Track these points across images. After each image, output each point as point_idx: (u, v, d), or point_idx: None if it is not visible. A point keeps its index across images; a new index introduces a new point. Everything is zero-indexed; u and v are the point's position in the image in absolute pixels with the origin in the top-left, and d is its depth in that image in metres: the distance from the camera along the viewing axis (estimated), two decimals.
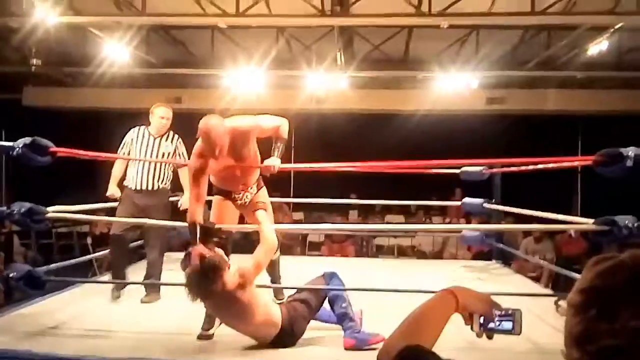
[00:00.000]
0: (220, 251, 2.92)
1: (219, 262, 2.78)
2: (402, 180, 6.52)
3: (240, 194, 3.34)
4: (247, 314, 2.83)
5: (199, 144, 3.16)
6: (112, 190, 4.15)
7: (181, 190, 4.35)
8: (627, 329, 0.73)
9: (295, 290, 3.25)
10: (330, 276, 3.10)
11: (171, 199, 4.44)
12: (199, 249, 2.85)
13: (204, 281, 2.71)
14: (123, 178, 4.17)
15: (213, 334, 3.12)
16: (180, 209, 4.37)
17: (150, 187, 4.10)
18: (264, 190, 3.51)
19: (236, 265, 2.89)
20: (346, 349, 2.87)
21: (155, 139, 4.17)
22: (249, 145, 3.26)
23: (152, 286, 4.02)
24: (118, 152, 4.20)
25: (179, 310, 3.54)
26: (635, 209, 3.18)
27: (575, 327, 0.79)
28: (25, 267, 3.33)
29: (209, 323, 3.15)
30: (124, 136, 4.22)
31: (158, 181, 4.14)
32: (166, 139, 4.22)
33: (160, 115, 4.19)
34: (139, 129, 4.20)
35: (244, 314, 2.84)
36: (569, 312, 0.82)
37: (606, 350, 0.74)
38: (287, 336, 2.93)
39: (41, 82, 9.08)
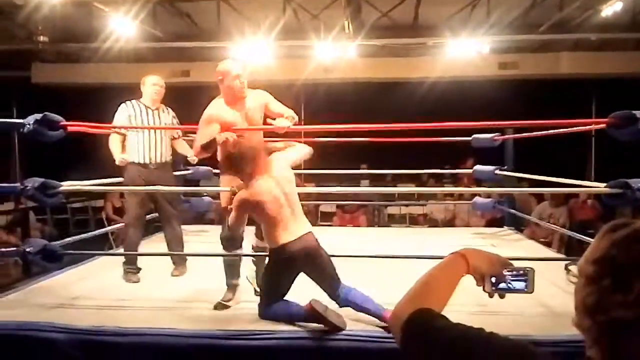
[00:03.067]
0: None
1: None
2: (413, 149, 6.48)
3: None
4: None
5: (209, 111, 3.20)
6: (122, 156, 3.89)
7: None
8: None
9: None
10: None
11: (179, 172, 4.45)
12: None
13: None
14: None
15: (230, 306, 3.18)
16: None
17: (160, 160, 4.02)
18: None
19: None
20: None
21: (153, 111, 4.04)
22: (260, 115, 3.32)
23: (181, 259, 4.07)
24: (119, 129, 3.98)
25: (196, 282, 3.60)
26: None
27: (588, 297, 0.78)
28: (42, 242, 3.38)
29: (231, 293, 3.23)
30: (114, 113, 3.99)
31: (166, 154, 4.08)
32: (163, 111, 4.11)
33: (154, 82, 4.05)
34: (132, 104, 4.01)
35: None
36: (580, 280, 0.81)
37: (618, 321, 0.74)
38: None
39: (49, 58, 9.06)
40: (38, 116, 3.22)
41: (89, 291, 3.52)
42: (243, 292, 3.34)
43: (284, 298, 2.91)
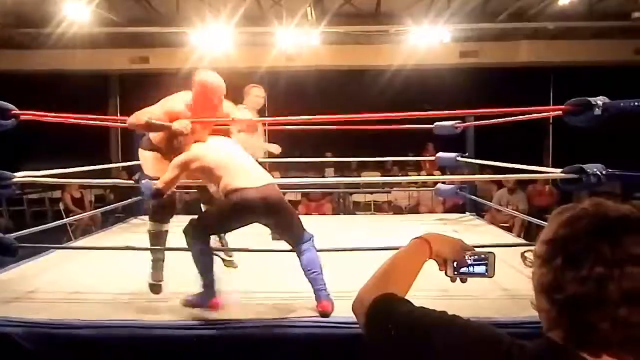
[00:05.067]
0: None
1: None
2: (377, 137, 6.54)
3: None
4: None
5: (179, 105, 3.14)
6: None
7: None
8: (592, 275, 0.74)
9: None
10: (310, 237, 2.93)
11: None
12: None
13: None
14: None
15: (161, 284, 3.18)
16: None
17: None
18: None
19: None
20: (324, 311, 2.75)
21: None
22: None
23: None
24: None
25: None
26: (605, 158, 3.24)
27: (543, 277, 0.80)
28: None
29: (158, 272, 3.21)
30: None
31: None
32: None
33: (256, 94, 4.54)
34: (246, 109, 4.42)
35: None
36: (535, 262, 0.84)
37: (574, 297, 0.75)
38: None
39: (0, 44, 8.71)
40: None
41: (46, 284, 3.42)
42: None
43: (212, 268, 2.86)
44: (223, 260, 3.63)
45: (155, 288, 3.17)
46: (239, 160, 2.94)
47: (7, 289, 3.31)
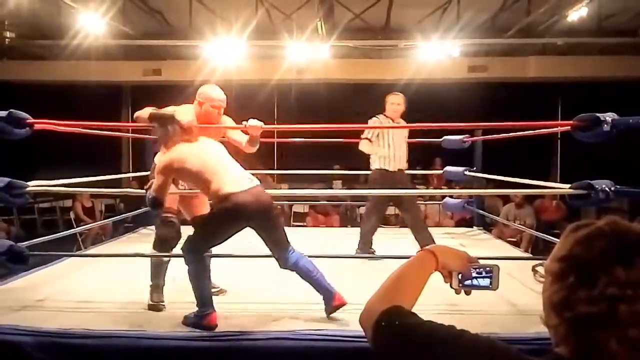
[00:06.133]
0: None
1: None
2: None
3: None
4: None
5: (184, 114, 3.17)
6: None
7: None
8: (604, 296, 0.75)
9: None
10: (292, 248, 2.96)
11: None
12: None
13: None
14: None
15: (164, 305, 3.17)
16: None
17: (403, 167, 4.65)
18: None
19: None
20: (342, 303, 2.83)
21: (393, 121, 4.66)
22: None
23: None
24: (369, 135, 4.54)
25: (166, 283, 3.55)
26: (613, 174, 3.23)
27: (554, 295, 0.80)
28: (7, 243, 3.28)
29: (158, 293, 3.21)
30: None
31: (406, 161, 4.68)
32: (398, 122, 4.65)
33: (392, 102, 4.72)
34: (380, 118, 4.66)
35: None
36: (547, 279, 0.84)
37: (584, 316, 0.76)
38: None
39: (16, 55, 8.85)
40: (3, 113, 3.14)
41: (56, 293, 3.45)
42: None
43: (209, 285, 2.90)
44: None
45: (158, 307, 3.15)
46: (226, 163, 2.92)
47: (17, 297, 3.33)
